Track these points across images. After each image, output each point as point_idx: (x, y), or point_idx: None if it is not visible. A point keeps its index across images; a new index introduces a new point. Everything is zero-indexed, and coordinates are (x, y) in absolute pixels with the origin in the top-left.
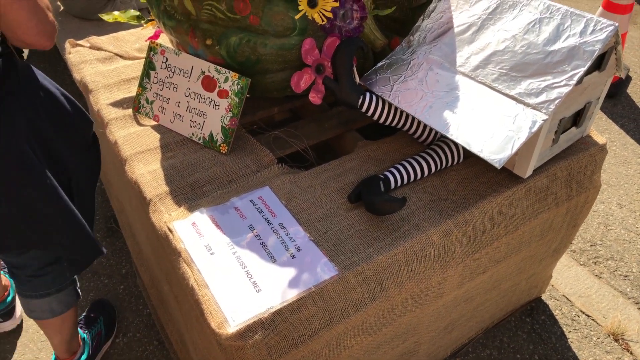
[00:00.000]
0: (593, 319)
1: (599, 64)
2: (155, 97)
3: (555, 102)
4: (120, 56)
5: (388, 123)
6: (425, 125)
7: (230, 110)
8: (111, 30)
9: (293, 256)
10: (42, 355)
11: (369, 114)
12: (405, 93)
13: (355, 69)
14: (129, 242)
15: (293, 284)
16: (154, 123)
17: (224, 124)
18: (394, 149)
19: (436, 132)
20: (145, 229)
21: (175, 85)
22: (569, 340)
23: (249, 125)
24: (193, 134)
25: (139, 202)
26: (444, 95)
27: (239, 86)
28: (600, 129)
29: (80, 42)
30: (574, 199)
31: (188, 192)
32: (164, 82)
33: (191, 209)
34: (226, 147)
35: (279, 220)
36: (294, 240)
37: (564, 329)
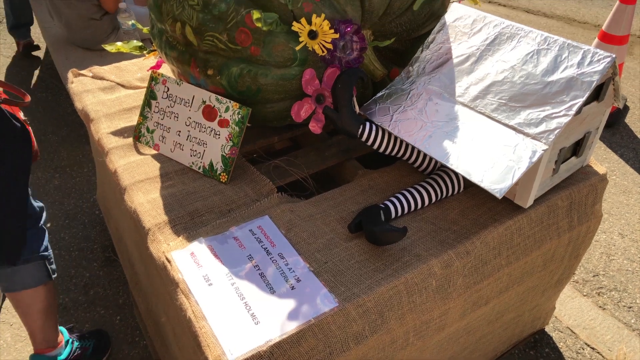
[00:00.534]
0: (598, 352)
1: (597, 94)
2: (156, 126)
3: (555, 132)
4: (122, 85)
5: (388, 152)
6: (425, 155)
7: (230, 140)
8: (114, 60)
9: (292, 287)
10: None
11: (369, 143)
12: (405, 123)
13: (355, 99)
14: (126, 272)
15: (292, 316)
16: (154, 152)
17: (224, 153)
18: (394, 178)
19: (436, 162)
20: (144, 259)
21: (176, 115)
22: None
23: (249, 154)
24: (193, 163)
25: (138, 232)
26: (443, 125)
27: (239, 115)
28: (600, 158)
29: (82, 72)
30: (575, 229)
31: (187, 222)
32: (165, 112)
33: (190, 238)
34: (226, 176)
35: (279, 250)
36: (293, 271)
37: None
